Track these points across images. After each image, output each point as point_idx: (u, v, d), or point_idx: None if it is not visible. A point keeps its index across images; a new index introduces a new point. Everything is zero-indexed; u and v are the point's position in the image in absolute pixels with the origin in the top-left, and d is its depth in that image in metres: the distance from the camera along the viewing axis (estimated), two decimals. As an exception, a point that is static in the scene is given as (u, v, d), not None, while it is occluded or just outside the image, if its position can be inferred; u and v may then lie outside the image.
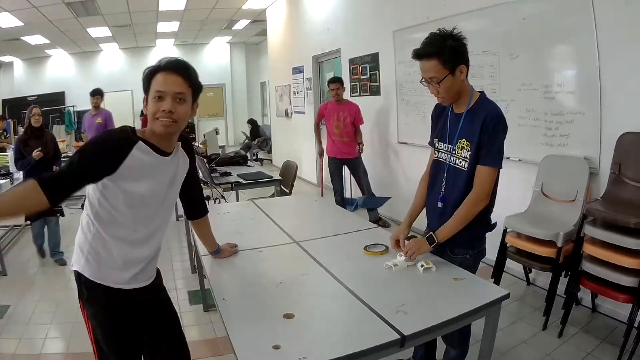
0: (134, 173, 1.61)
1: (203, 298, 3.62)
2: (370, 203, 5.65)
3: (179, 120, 1.63)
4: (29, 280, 4.55)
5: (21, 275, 4.67)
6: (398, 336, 1.47)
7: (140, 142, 1.63)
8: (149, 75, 1.64)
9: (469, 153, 1.98)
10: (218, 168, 4.94)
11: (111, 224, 1.70)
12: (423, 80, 2.01)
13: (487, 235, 2.16)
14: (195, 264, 4.10)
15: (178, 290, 3.94)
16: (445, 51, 1.90)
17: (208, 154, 5.41)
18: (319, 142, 6.00)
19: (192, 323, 3.39)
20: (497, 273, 3.35)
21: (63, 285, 4.39)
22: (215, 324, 3.35)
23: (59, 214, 4.74)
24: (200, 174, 4.19)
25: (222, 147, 6.37)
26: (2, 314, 3.85)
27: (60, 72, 14.42)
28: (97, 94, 6.83)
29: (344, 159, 5.74)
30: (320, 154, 6.09)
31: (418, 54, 1.96)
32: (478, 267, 2.15)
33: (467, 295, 1.76)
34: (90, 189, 1.69)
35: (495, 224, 2.15)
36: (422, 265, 1.97)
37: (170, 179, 1.78)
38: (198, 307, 3.63)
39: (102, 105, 6.95)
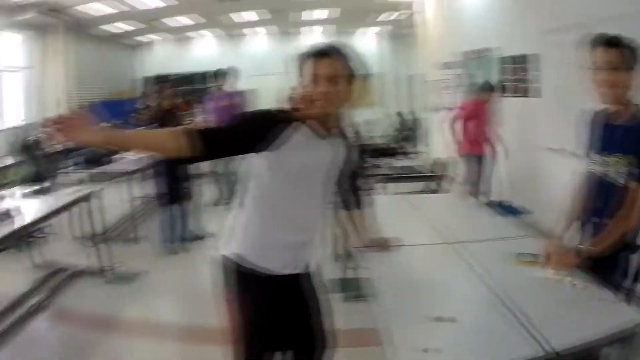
0: (289, 150, 1.64)
1: (344, 288, 3.64)
2: (508, 212, 5.53)
3: (333, 102, 1.66)
4: (160, 250, 4.88)
5: (153, 245, 5.00)
6: (544, 352, 1.46)
7: (297, 121, 1.68)
8: (304, 60, 1.69)
9: (626, 168, 1.94)
10: (368, 160, 4.99)
11: (268, 205, 1.75)
12: (596, 66, 1.95)
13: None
14: (339, 252, 4.11)
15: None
16: (634, 51, 1.89)
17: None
18: (456, 139, 5.91)
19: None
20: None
21: (194, 260, 4.76)
22: (353, 315, 3.26)
23: (188, 199, 4.98)
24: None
25: (371, 138, 6.50)
26: (132, 280, 4.23)
27: (204, 54, 14.96)
28: (220, 75, 6.48)
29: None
30: (461, 152, 5.95)
31: (609, 41, 1.91)
32: (632, 288, 2.08)
33: (613, 318, 1.69)
34: (246, 169, 1.75)
35: None
36: (571, 282, 1.95)
37: (325, 162, 1.78)
38: (338, 296, 3.62)
39: (231, 88, 6.59)
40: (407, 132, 11.95)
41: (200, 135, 1.51)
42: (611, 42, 1.93)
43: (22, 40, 10.46)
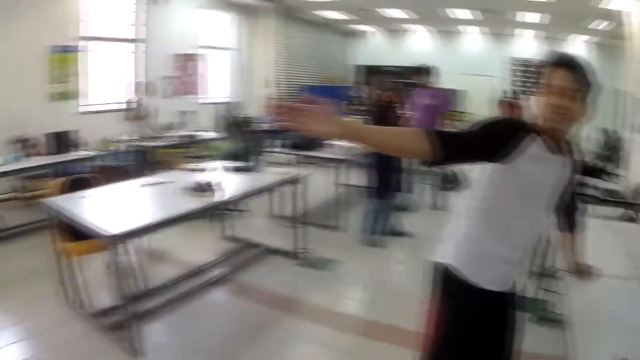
0: (524, 162, 1.57)
1: (532, 308, 3.46)
2: None
3: (567, 116, 1.58)
4: (359, 240, 4.84)
5: (352, 234, 4.98)
6: None
7: (534, 133, 1.60)
8: (539, 68, 1.64)
9: None
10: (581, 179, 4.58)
11: (492, 217, 1.70)
12: None
13: None
14: (534, 270, 3.77)
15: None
16: None
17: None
18: None
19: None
20: None
21: (390, 255, 4.68)
22: (537, 338, 3.06)
23: (397, 194, 4.88)
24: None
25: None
26: (325, 266, 4.19)
27: (418, 48, 15.01)
28: (423, 71, 6.06)
29: None
30: None
31: None
32: None
33: None
34: (479, 175, 1.72)
35: None
36: None
37: (554, 179, 1.70)
38: (523, 315, 3.35)
39: (433, 86, 6.10)
40: (610, 152, 10.65)
41: (440, 139, 1.44)
42: None
43: (232, 20, 11.45)
